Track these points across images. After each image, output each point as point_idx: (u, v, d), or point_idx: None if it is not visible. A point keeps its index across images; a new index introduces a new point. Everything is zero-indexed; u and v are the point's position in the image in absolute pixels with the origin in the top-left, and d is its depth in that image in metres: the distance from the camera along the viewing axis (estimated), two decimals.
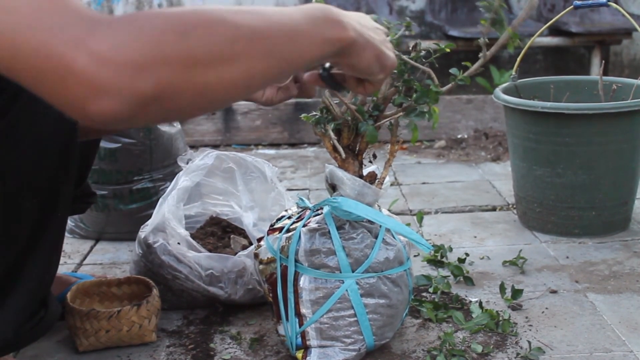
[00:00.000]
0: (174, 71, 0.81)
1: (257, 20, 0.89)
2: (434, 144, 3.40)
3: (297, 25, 0.95)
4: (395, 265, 1.50)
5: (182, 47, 0.81)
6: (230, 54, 0.86)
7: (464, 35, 4.37)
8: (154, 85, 0.79)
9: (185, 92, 0.83)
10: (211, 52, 0.85)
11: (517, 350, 1.56)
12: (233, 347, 1.62)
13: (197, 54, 0.83)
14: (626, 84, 2.29)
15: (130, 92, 0.78)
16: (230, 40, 0.86)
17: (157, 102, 0.81)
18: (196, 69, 0.83)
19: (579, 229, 2.17)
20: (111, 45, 0.77)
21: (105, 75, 0.76)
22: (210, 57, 0.84)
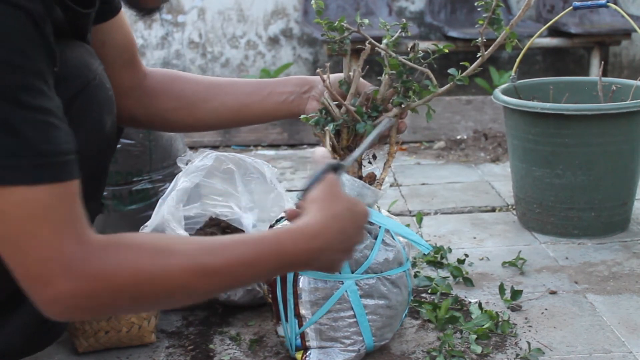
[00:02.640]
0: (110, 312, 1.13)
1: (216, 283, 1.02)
2: (433, 144, 3.40)
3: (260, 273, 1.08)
4: (394, 266, 1.50)
5: (128, 304, 1.00)
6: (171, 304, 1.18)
7: (463, 36, 4.38)
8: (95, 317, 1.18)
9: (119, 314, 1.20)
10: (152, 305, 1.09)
11: (516, 351, 1.56)
12: (232, 348, 1.62)
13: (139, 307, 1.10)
14: (625, 84, 2.29)
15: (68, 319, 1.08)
16: (176, 301, 1.04)
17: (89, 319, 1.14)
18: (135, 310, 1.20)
19: (578, 229, 2.17)
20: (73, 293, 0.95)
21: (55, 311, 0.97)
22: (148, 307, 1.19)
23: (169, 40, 5.01)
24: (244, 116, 1.54)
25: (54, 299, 0.95)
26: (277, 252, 1.05)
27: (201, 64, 5.03)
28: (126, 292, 0.97)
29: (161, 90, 1.51)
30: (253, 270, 1.04)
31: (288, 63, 4.91)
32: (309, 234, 1.08)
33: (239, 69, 5.05)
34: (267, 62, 5.02)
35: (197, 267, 0.99)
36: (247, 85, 1.54)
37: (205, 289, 1.02)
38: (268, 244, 1.05)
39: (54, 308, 0.96)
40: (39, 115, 0.93)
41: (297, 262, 1.09)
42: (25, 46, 0.92)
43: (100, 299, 0.96)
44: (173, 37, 5.00)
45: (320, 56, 5.01)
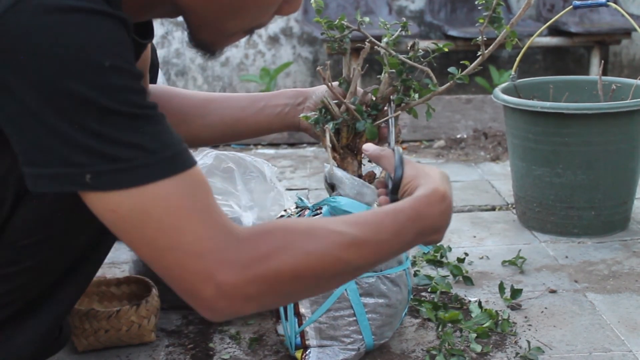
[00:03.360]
0: (276, 300, 1.05)
1: (366, 254, 1.03)
2: (433, 143, 3.40)
3: (402, 245, 1.08)
4: (394, 264, 1.50)
5: (291, 288, 0.99)
6: (330, 286, 1.11)
7: (463, 35, 4.38)
8: (256, 309, 1.00)
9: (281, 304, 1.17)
10: (314, 288, 1.06)
11: (516, 350, 1.56)
12: (232, 346, 1.62)
13: (300, 289, 1.03)
14: (625, 84, 2.29)
15: (236, 314, 0.99)
16: (334, 277, 1.03)
17: (258, 311, 1.05)
18: (295, 297, 1.09)
19: (578, 228, 2.17)
20: (235, 282, 0.94)
21: (221, 306, 0.95)
22: (311, 291, 1.09)
23: (169, 39, 5.01)
24: (240, 130, 1.56)
25: (218, 294, 0.93)
26: (416, 219, 1.07)
27: (201, 63, 5.03)
28: (286, 274, 0.96)
29: (161, 107, 1.52)
30: (397, 240, 1.05)
31: (288, 62, 4.91)
32: (437, 198, 1.10)
33: (239, 67, 5.05)
34: (267, 61, 5.02)
35: (348, 240, 1.00)
36: (242, 99, 1.56)
37: (357, 262, 1.01)
38: (407, 212, 1.07)
39: (220, 304, 0.95)
40: (150, 111, 0.95)
41: (434, 227, 1.11)
42: (126, 50, 0.94)
43: (263, 285, 0.95)
44: (173, 36, 5.00)
45: (320, 55, 5.01)
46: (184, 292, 0.96)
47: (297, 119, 1.53)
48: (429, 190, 1.11)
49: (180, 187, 0.93)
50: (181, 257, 0.93)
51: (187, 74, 5.06)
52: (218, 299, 0.94)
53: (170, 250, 0.93)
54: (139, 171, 0.91)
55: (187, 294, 0.96)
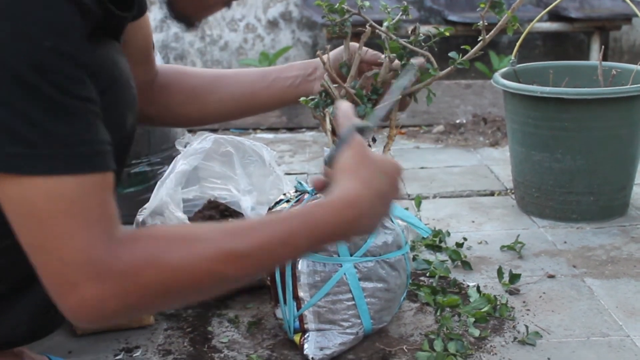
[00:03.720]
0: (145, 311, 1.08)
1: (247, 267, 0.98)
2: (432, 128, 3.40)
3: (295, 251, 1.02)
4: (393, 249, 1.50)
5: (161, 300, 0.97)
6: (204, 295, 1.05)
7: (463, 20, 4.37)
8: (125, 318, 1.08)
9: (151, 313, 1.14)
10: (184, 298, 1.03)
11: (514, 335, 1.56)
12: (231, 330, 1.62)
13: (171, 302, 1.02)
14: (626, 69, 2.29)
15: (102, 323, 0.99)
16: (208, 289, 1.00)
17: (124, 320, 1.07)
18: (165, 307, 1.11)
19: (577, 214, 2.17)
20: (99, 297, 0.92)
21: (86, 318, 0.95)
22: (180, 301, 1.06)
23: (168, 22, 4.99)
24: (252, 105, 1.54)
25: (81, 305, 0.93)
26: (311, 228, 1.00)
27: (200, 47, 5.02)
28: (153, 288, 0.94)
29: (169, 85, 1.52)
30: (286, 249, 0.99)
31: (287, 46, 4.89)
32: (343, 205, 1.02)
33: (238, 52, 5.03)
34: (266, 45, 5.01)
35: (224, 253, 0.95)
36: (252, 74, 1.55)
37: (236, 274, 0.97)
38: (301, 221, 1.00)
39: (81, 313, 0.94)
40: (79, 103, 0.92)
41: (335, 235, 1.04)
42: (73, 37, 0.92)
43: (128, 299, 0.93)
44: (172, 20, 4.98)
45: (319, 39, 4.99)
46: (51, 293, 0.95)
47: (310, 90, 1.51)
48: (335, 198, 1.03)
49: (79, 188, 0.91)
50: (52, 261, 0.92)
51: (185, 58, 5.05)
52: (81, 309, 0.93)
53: (44, 251, 0.93)
54: (44, 160, 0.89)
55: (53, 295, 0.95)
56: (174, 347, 1.56)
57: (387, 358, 1.49)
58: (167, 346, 1.56)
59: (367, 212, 1.04)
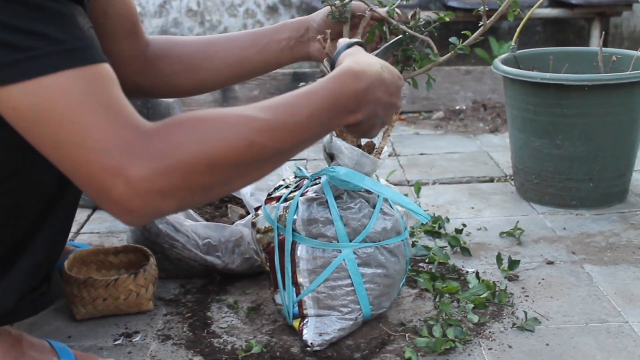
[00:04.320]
0: (195, 194, 0.96)
1: (280, 136, 1.00)
2: (432, 115, 3.39)
3: (317, 126, 1.06)
4: (392, 235, 1.50)
5: (207, 179, 0.95)
6: (248, 172, 1.01)
7: (463, 5, 4.35)
8: (176, 207, 0.95)
9: (200, 202, 1.01)
10: (231, 176, 0.99)
11: (513, 321, 1.57)
12: (230, 315, 1.62)
13: (218, 180, 0.97)
14: (626, 55, 2.28)
15: (154, 214, 0.94)
16: (252, 164, 0.99)
17: (175, 212, 1.01)
18: (214, 189, 0.99)
19: (576, 200, 2.17)
20: (144, 176, 0.90)
21: (135, 203, 0.91)
22: (228, 180, 0.99)
23: (167, 8, 4.97)
24: (246, 70, 1.54)
25: (130, 190, 0.89)
26: (329, 98, 1.06)
27: (199, 33, 5.00)
28: (196, 164, 0.92)
29: (162, 55, 1.51)
30: (313, 121, 1.04)
31: None
32: (351, 75, 1.09)
33: None
34: None
35: (261, 124, 0.98)
36: (244, 38, 1.54)
37: (273, 146, 0.99)
38: (319, 93, 1.06)
39: (134, 202, 0.90)
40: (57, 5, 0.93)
41: (347, 105, 1.09)
42: None
43: (173, 177, 0.91)
44: (171, 5, 4.97)
45: None
46: (95, 194, 0.92)
47: (305, 51, 1.52)
48: (342, 69, 1.10)
49: (82, 80, 0.91)
50: (86, 154, 0.90)
51: None
52: (130, 197, 0.90)
53: (74, 147, 0.90)
54: (40, 61, 0.89)
55: (98, 195, 0.92)
56: (174, 332, 1.56)
57: (386, 344, 1.49)
58: (167, 331, 1.56)
59: (372, 87, 1.12)
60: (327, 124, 1.08)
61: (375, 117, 1.16)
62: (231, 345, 1.51)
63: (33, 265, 1.25)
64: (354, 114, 1.10)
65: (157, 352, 1.49)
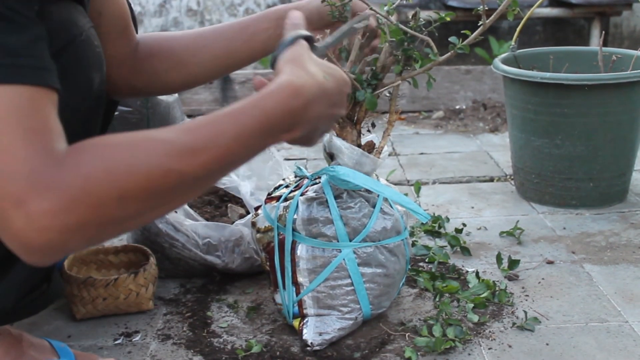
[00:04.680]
0: (106, 230, 0.88)
1: (201, 162, 0.91)
2: (432, 114, 3.39)
3: (246, 148, 0.96)
4: (392, 234, 1.50)
5: (118, 212, 0.87)
6: (165, 201, 0.92)
7: (463, 5, 4.35)
8: (84, 243, 0.88)
9: (111, 236, 0.92)
10: (144, 207, 0.90)
11: (513, 320, 1.57)
12: (230, 315, 1.62)
13: (130, 213, 0.88)
14: (626, 55, 2.28)
15: (57, 251, 0.86)
16: (170, 192, 0.91)
17: (83, 248, 0.93)
18: (128, 222, 0.90)
19: (576, 200, 2.17)
20: (48, 209, 0.82)
21: (35, 240, 0.83)
22: (142, 211, 0.90)
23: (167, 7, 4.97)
24: (234, 61, 1.53)
25: (29, 224, 0.83)
26: (261, 120, 0.96)
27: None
28: (106, 195, 0.85)
29: (152, 53, 1.51)
30: (240, 143, 0.94)
31: None
32: (288, 94, 0.99)
33: None
34: None
35: (177, 148, 0.89)
36: (229, 30, 1.53)
37: (193, 172, 0.90)
38: (249, 112, 0.96)
39: (32, 237, 0.83)
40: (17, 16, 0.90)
41: (282, 125, 0.99)
42: None
43: (80, 212, 0.84)
44: (171, 5, 4.97)
45: None
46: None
47: None
48: (279, 84, 0.99)
49: (16, 99, 0.86)
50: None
51: None
52: (29, 231, 0.83)
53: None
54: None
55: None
56: (173, 332, 1.56)
57: (386, 343, 1.49)
58: (167, 331, 1.56)
59: (313, 102, 1.02)
60: (258, 145, 0.98)
61: (314, 132, 1.07)
62: (231, 344, 1.51)
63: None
64: (289, 132, 1.01)
65: (157, 351, 1.49)
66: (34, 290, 1.32)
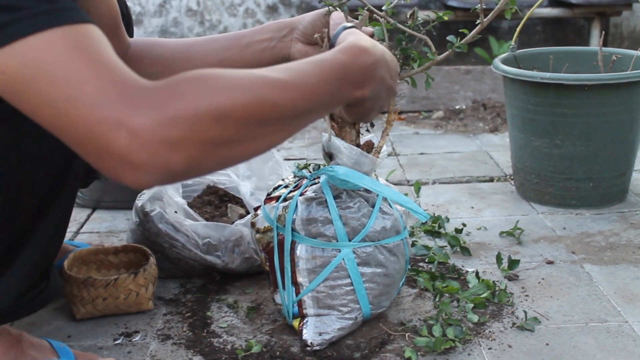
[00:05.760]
0: (205, 150, 0.88)
1: (291, 96, 0.97)
2: (432, 114, 3.39)
3: (327, 93, 1.04)
4: (392, 234, 1.50)
5: (216, 131, 0.88)
6: (259, 133, 0.95)
7: (462, 5, 4.35)
8: (185, 163, 0.87)
9: (211, 163, 0.92)
10: (241, 133, 0.92)
11: (513, 320, 1.57)
12: (230, 315, 1.62)
13: (228, 136, 0.90)
14: (626, 55, 2.28)
15: (162, 170, 0.86)
16: (263, 122, 0.94)
17: (186, 174, 0.89)
18: (225, 147, 0.91)
19: (576, 200, 2.17)
20: (149, 125, 0.83)
21: (141, 156, 0.84)
22: (239, 138, 0.92)
23: (167, 7, 4.97)
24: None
25: (133, 142, 0.83)
26: (338, 67, 1.06)
27: (199, 32, 5.00)
28: (205, 113, 0.86)
29: (142, 57, 1.51)
30: (322, 87, 1.03)
31: None
32: (358, 48, 1.10)
33: None
34: None
35: (271, 81, 0.95)
36: (224, 39, 1.54)
37: (284, 105, 0.95)
38: (329, 61, 1.06)
39: (139, 156, 0.83)
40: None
41: (356, 78, 1.09)
42: None
43: (182, 125, 0.85)
44: (171, 5, 4.97)
45: None
46: (96, 153, 0.85)
47: (286, 51, 1.50)
48: (350, 43, 1.11)
49: (71, 37, 0.87)
50: (83, 108, 0.84)
51: None
52: (135, 149, 0.83)
53: (69, 103, 0.84)
54: (26, 21, 0.86)
55: (100, 153, 0.85)
56: (173, 332, 1.56)
57: (386, 343, 1.49)
58: (167, 331, 1.56)
59: (379, 64, 1.13)
60: (337, 94, 1.07)
61: (377, 98, 1.17)
62: (231, 344, 1.51)
63: (31, 263, 1.26)
64: (361, 88, 1.11)
65: (157, 351, 1.49)
66: (33, 289, 1.32)
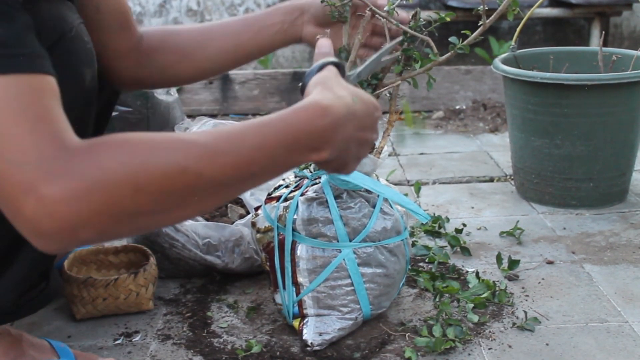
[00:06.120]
0: (119, 220, 0.85)
1: (221, 166, 0.90)
2: (432, 114, 3.39)
3: (268, 160, 0.95)
4: (392, 234, 1.50)
5: (132, 203, 0.85)
6: (183, 203, 0.90)
7: (463, 5, 4.35)
8: (95, 234, 0.85)
9: (125, 232, 0.91)
10: (161, 204, 0.88)
11: (513, 320, 1.57)
12: (230, 315, 1.62)
13: (146, 208, 0.86)
14: (626, 55, 2.28)
15: (70, 239, 0.84)
16: (187, 193, 0.88)
17: (97, 241, 0.88)
18: (142, 217, 0.87)
19: (576, 200, 2.17)
20: (58, 195, 0.81)
21: (46, 225, 0.82)
22: (159, 209, 0.88)
23: (167, 7, 4.97)
24: (240, 55, 1.53)
25: (41, 209, 0.81)
26: (286, 133, 0.96)
27: None
28: (121, 187, 0.83)
29: (157, 47, 1.52)
30: (261, 154, 0.93)
31: None
32: (315, 112, 0.98)
33: None
34: None
35: (200, 149, 0.89)
36: (237, 24, 1.54)
37: (212, 175, 0.89)
38: (275, 125, 0.96)
39: (44, 223, 0.82)
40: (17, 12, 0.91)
41: (308, 143, 0.98)
42: None
43: (93, 201, 0.82)
44: (171, 5, 4.97)
45: None
46: (7, 210, 0.85)
47: (298, 33, 1.50)
48: (306, 103, 1.00)
49: (16, 88, 0.85)
50: (2, 164, 0.83)
51: None
52: (41, 216, 0.82)
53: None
54: None
55: (9, 211, 0.85)
56: (173, 332, 1.56)
57: (386, 343, 1.49)
58: (167, 331, 1.56)
59: (341, 124, 1.00)
60: (285, 159, 0.97)
61: (347, 155, 1.05)
62: (231, 344, 1.51)
63: (31, 263, 1.26)
64: (317, 152, 0.99)
65: (157, 351, 1.49)
66: (33, 289, 1.32)
